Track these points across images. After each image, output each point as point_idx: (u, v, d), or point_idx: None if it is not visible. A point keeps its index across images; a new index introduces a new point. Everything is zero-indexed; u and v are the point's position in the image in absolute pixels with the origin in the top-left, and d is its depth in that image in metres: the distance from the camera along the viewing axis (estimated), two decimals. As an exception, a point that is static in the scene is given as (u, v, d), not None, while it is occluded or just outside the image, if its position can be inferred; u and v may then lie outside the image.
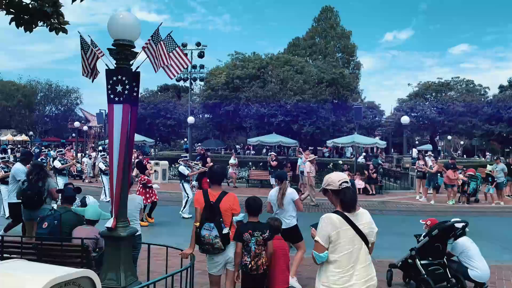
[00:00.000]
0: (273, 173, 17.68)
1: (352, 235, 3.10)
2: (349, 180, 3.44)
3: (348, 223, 3.10)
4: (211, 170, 4.42)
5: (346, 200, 3.14)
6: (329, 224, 3.06)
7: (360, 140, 21.85)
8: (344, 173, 3.48)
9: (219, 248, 4.07)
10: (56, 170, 13.65)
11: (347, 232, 3.08)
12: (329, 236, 3.05)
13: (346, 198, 3.14)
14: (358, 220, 3.15)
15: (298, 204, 6.15)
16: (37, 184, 6.26)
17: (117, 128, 4.41)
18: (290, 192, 6.08)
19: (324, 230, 3.06)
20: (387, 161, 31.85)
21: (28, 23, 5.68)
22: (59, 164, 13.63)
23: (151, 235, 9.86)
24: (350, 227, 3.10)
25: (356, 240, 3.11)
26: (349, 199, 3.14)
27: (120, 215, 4.40)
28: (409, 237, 7.14)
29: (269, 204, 6.23)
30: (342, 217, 3.09)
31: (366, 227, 3.19)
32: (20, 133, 52.29)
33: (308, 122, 25.71)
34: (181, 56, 4.58)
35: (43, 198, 6.30)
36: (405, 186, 19.86)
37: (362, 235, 3.13)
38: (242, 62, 30.14)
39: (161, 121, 33.62)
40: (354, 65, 53.36)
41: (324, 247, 3.06)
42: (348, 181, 3.29)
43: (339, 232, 3.05)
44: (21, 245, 4.70)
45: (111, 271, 4.34)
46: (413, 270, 6.05)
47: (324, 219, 3.10)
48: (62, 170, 13.69)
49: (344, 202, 3.14)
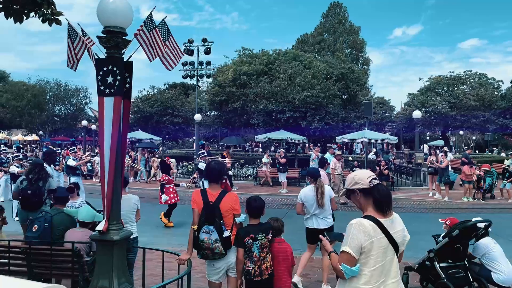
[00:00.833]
0: (301, 172, 17.36)
1: (386, 245, 2.61)
2: None
3: (382, 230, 2.61)
4: (208, 167, 4.02)
5: (382, 198, 2.66)
6: (361, 232, 2.57)
7: (371, 136, 21.32)
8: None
9: (220, 253, 3.69)
10: (70, 169, 13.49)
11: (381, 242, 2.60)
12: (362, 246, 2.57)
13: (381, 196, 2.66)
14: (393, 226, 2.67)
15: (333, 202, 5.83)
16: (37, 183, 5.94)
17: (108, 123, 4.04)
18: (328, 190, 5.77)
19: (356, 239, 2.57)
20: (398, 157, 31.28)
21: (17, 14, 5.37)
22: (73, 162, 13.53)
23: (168, 235, 9.57)
24: (384, 236, 2.61)
25: (389, 250, 2.63)
26: (385, 197, 2.67)
27: (112, 217, 4.05)
28: (423, 235, 6.74)
29: (300, 205, 5.83)
30: (376, 224, 2.61)
31: (400, 235, 2.70)
32: (30, 132, 52.62)
33: (316, 118, 25.18)
34: (175, 46, 4.21)
35: (43, 199, 5.96)
36: (417, 182, 19.36)
37: (394, 244, 2.65)
38: (250, 58, 29.72)
39: (168, 118, 33.33)
40: (363, 61, 52.78)
41: (355, 259, 2.58)
42: (377, 178, 2.78)
43: (373, 242, 2.57)
44: (8, 250, 4.38)
45: (103, 278, 3.99)
46: (431, 273, 5.63)
47: (355, 226, 2.60)
48: (76, 169, 13.55)
49: (380, 201, 2.65)
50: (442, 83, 36.82)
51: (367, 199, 2.72)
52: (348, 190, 2.83)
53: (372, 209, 2.70)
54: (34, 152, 33.40)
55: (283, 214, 12.34)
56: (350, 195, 2.83)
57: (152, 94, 36.24)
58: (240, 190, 16.88)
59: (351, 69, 31.16)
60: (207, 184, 12.19)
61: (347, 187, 2.85)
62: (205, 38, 24.40)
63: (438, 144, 38.32)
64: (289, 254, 4.19)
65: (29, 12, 5.46)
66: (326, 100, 25.69)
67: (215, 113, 35.31)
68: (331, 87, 26.37)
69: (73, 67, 4.16)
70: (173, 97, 36.12)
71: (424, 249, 5.73)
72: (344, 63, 33.11)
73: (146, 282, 4.57)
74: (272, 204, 14.72)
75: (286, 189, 17.19)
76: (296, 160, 21.92)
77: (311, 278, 6.27)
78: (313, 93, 24.94)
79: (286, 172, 17.45)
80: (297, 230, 6.20)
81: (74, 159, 14.02)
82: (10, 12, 5.18)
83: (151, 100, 34.53)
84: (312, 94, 24.88)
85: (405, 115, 38.32)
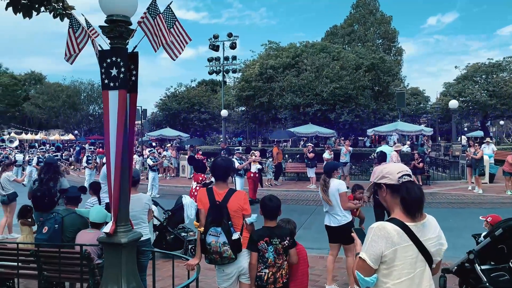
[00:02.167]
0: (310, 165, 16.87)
1: (415, 255, 2.21)
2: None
3: (410, 238, 2.20)
4: (214, 163, 3.69)
5: (411, 198, 2.24)
6: (383, 238, 2.19)
7: (404, 128, 20.46)
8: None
9: (229, 258, 3.35)
10: (149, 168, 15.20)
11: (407, 251, 2.20)
12: (382, 255, 2.18)
13: (410, 196, 2.24)
14: (424, 233, 2.26)
15: (343, 199, 5.28)
16: (48, 184, 5.79)
17: (113, 119, 3.79)
18: (336, 184, 5.32)
19: (375, 246, 2.19)
20: (434, 149, 30.08)
21: (27, 8, 5.23)
22: (151, 162, 15.20)
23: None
24: (412, 244, 2.20)
25: (419, 261, 2.22)
26: (415, 198, 2.25)
27: (120, 218, 3.81)
28: (461, 232, 6.22)
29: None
30: (402, 229, 2.21)
31: (434, 243, 2.27)
32: (66, 132, 54.33)
33: (346, 111, 24.41)
34: (181, 32, 3.89)
35: (55, 200, 5.81)
36: (455, 175, 18.38)
37: (426, 254, 2.23)
38: (276, 51, 29.22)
39: (195, 115, 33.40)
40: (396, 51, 51.16)
41: (372, 268, 2.20)
42: (411, 174, 2.37)
43: (396, 250, 2.18)
44: (17, 252, 4.23)
45: (111, 283, 3.76)
46: (471, 277, 5.10)
47: (375, 231, 2.23)
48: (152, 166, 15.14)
49: (408, 202, 2.25)
50: (480, 70, 35.01)
51: (395, 198, 2.32)
52: (375, 184, 2.44)
53: (400, 210, 2.29)
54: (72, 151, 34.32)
55: (311, 210, 11.95)
56: (376, 191, 2.44)
57: (180, 92, 36.42)
58: (266, 186, 16.58)
59: (382, 59, 30.07)
60: (239, 184, 11.69)
61: (373, 180, 2.46)
62: (231, 32, 24.16)
63: (477, 135, 36.63)
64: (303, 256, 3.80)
65: (39, 7, 5.33)
66: (356, 92, 24.85)
67: (242, 109, 35.09)
68: (361, 78, 25.49)
69: (69, 59, 3.92)
70: (200, 93, 36.18)
71: (463, 248, 5.22)
72: (375, 53, 32.03)
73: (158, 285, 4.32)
74: (300, 200, 14.32)
75: (315, 185, 16.71)
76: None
77: (339, 280, 5.87)
78: (342, 84, 24.16)
79: (315, 167, 16.97)
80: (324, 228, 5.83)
81: (152, 159, 15.40)
82: (18, 7, 5.06)
83: (178, 97, 34.71)
84: (341, 86, 24.12)
85: (441, 105, 36.84)
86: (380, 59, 29.82)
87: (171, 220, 7.30)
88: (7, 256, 4.36)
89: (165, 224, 7.24)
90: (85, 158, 17.92)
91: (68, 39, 3.90)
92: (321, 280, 5.87)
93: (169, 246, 6.94)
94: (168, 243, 7.07)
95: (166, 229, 7.20)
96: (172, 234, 7.15)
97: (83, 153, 24.04)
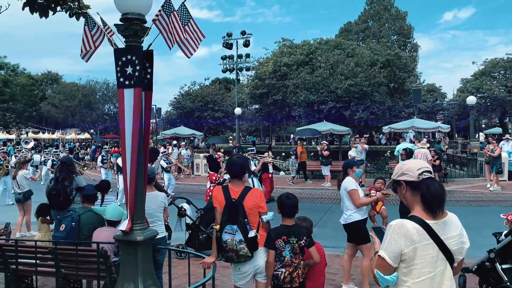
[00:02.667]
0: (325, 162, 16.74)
1: (435, 254, 2.15)
2: None
3: (430, 236, 2.15)
4: (229, 161, 3.66)
5: (431, 196, 2.18)
6: (402, 236, 2.14)
7: (420, 125, 20.13)
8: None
9: (245, 256, 3.33)
10: (162, 168, 15.00)
11: (427, 249, 2.15)
12: (401, 253, 2.13)
13: (430, 193, 2.18)
14: (445, 231, 2.20)
15: (352, 196, 5.19)
16: (63, 183, 5.85)
17: (129, 117, 3.80)
18: (344, 182, 5.30)
19: (394, 244, 2.15)
20: (450, 146, 29.59)
21: (43, 8, 5.28)
22: (164, 164, 15.03)
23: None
24: (433, 242, 2.15)
25: (439, 260, 2.16)
26: (435, 195, 2.18)
27: (136, 216, 3.82)
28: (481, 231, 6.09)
29: None
30: (422, 227, 2.16)
31: (455, 241, 2.21)
32: (82, 131, 55.12)
33: (361, 108, 24.13)
34: (195, 30, 3.87)
35: (70, 198, 5.86)
36: (473, 173, 18.03)
37: (447, 253, 2.18)
38: (290, 48, 29.07)
39: (209, 113, 33.49)
40: (411, 47, 50.40)
41: (392, 267, 2.16)
42: (432, 171, 2.30)
43: (416, 248, 2.14)
44: (35, 250, 4.28)
45: (127, 281, 3.77)
46: (492, 276, 4.98)
47: (394, 228, 2.18)
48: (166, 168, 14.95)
49: (428, 199, 2.19)
50: (499, 66, 34.28)
51: (415, 195, 2.26)
52: (394, 181, 2.39)
53: (420, 208, 2.23)
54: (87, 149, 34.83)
55: (326, 208, 11.86)
56: (396, 188, 2.38)
57: (194, 90, 36.56)
58: (282, 184, 16.52)
59: (397, 55, 29.66)
60: (257, 183, 11.51)
61: (393, 177, 2.41)
62: (244, 30, 24.11)
63: (495, 132, 35.86)
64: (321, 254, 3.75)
65: (55, 7, 5.37)
66: (371, 89, 24.55)
67: (256, 107, 35.05)
68: (376, 74, 25.17)
69: (84, 57, 3.94)
70: (213, 91, 36.26)
71: (483, 247, 5.11)
72: (390, 49, 31.62)
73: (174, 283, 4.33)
74: (315, 198, 14.23)
75: (330, 183, 16.59)
76: (340, 152, 21.15)
77: (355, 279, 5.80)
78: (357, 81, 23.90)
79: (330, 165, 16.83)
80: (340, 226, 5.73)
81: (165, 160, 15.21)
82: (34, 7, 5.11)
83: (192, 96, 34.84)
84: (355, 83, 23.86)
85: (458, 102, 36.23)
86: (395, 55, 29.42)
87: (203, 219, 7.23)
88: (26, 253, 4.42)
89: (197, 223, 7.18)
90: (100, 158, 17.91)
91: (84, 37, 3.92)
92: (338, 279, 5.81)
93: (201, 245, 6.88)
94: (201, 243, 7.02)
95: (199, 228, 7.14)
96: (205, 233, 7.08)
97: (98, 152, 24.29)
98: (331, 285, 5.61)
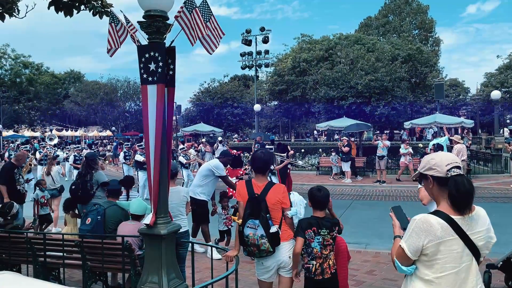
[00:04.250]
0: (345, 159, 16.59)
1: (460, 250, 2.09)
2: None
3: (456, 231, 2.09)
4: (253, 156, 3.68)
5: (459, 194, 2.08)
6: (424, 232, 2.08)
7: (443, 120, 19.74)
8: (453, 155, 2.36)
9: (267, 251, 3.34)
10: (181, 164, 15.14)
11: (451, 245, 2.08)
12: (423, 248, 2.10)
13: (458, 191, 2.08)
14: (472, 226, 2.12)
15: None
16: (84, 178, 6.03)
17: (152, 113, 3.86)
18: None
19: (416, 238, 2.10)
20: (474, 142, 28.92)
21: (68, 7, 5.41)
22: (184, 160, 15.20)
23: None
24: (458, 238, 2.08)
25: (465, 255, 2.10)
26: (464, 193, 2.09)
27: (159, 210, 3.89)
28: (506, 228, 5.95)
29: None
30: (447, 223, 2.09)
31: (482, 236, 2.14)
32: (104, 129, 56.14)
33: (382, 103, 23.80)
34: (216, 27, 3.90)
35: (90, 193, 6.02)
36: (498, 169, 17.59)
37: (473, 248, 2.11)
38: (309, 44, 28.86)
39: (228, 110, 33.64)
40: (433, 41, 49.36)
41: (411, 259, 2.14)
42: (461, 167, 2.20)
43: (439, 244, 2.08)
44: (62, 243, 4.41)
45: (152, 274, 3.84)
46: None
47: (417, 223, 2.11)
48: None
49: (455, 197, 2.09)
50: (525, 59, 33.30)
51: (442, 191, 2.18)
52: (420, 175, 2.32)
53: (446, 203, 2.16)
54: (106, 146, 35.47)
55: (347, 205, 11.78)
56: (422, 182, 2.33)
57: (213, 87, 36.76)
58: (301, 180, 16.47)
59: (419, 50, 29.11)
60: (275, 181, 11.46)
61: (420, 170, 2.34)
62: (263, 27, 24.06)
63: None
64: (344, 249, 3.74)
65: (79, 5, 5.50)
66: (392, 84, 24.17)
67: (275, 103, 34.99)
68: (397, 69, 24.76)
69: (109, 52, 4.03)
70: (233, 88, 36.36)
71: (508, 244, 5.01)
72: (411, 43, 31.05)
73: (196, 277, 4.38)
74: (335, 194, 14.14)
75: (350, 179, 16.47)
76: (361, 148, 20.94)
77: (377, 276, 5.75)
78: (378, 76, 23.57)
79: (350, 161, 16.69)
80: (360, 222, 5.70)
81: (185, 156, 15.50)
82: (59, 6, 5.24)
83: (211, 93, 35.04)
84: (376, 78, 23.53)
85: (482, 96, 35.37)
86: (417, 49, 28.89)
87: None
88: (53, 246, 4.55)
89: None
90: (122, 154, 18.18)
91: (110, 33, 4.01)
92: (359, 275, 5.77)
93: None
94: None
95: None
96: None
97: (120, 149, 24.71)
98: (352, 280, 5.58)
